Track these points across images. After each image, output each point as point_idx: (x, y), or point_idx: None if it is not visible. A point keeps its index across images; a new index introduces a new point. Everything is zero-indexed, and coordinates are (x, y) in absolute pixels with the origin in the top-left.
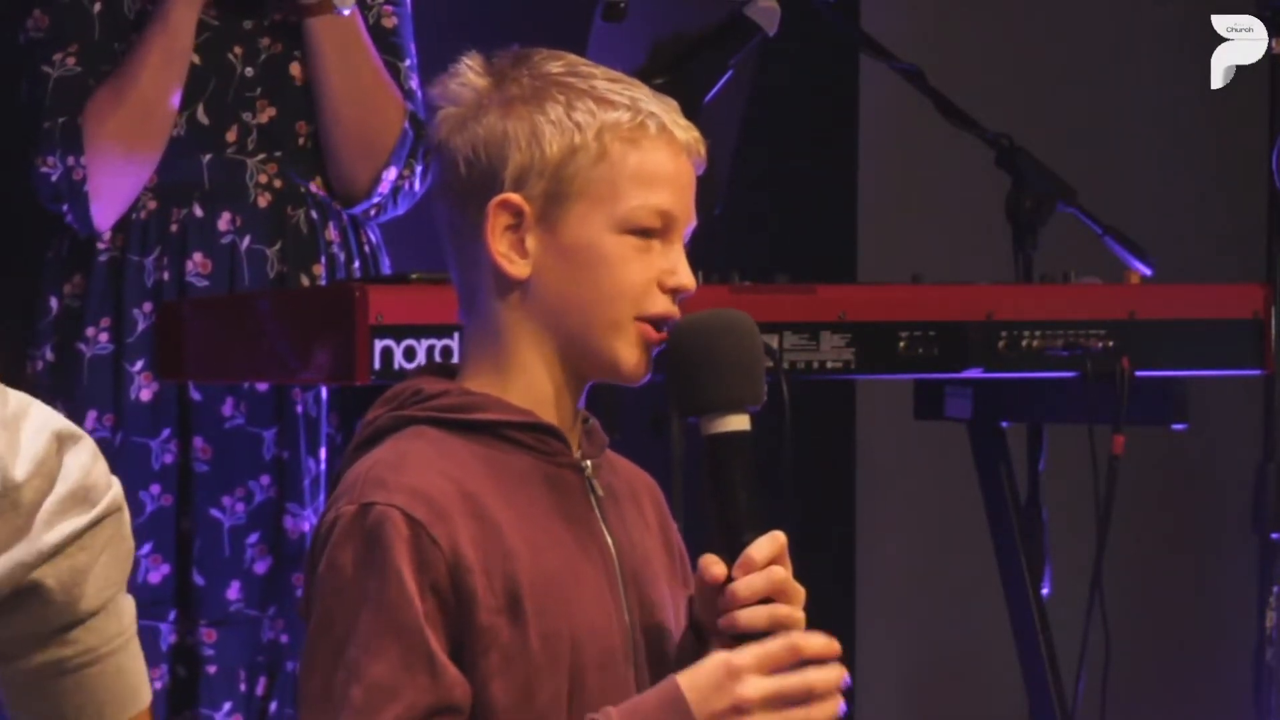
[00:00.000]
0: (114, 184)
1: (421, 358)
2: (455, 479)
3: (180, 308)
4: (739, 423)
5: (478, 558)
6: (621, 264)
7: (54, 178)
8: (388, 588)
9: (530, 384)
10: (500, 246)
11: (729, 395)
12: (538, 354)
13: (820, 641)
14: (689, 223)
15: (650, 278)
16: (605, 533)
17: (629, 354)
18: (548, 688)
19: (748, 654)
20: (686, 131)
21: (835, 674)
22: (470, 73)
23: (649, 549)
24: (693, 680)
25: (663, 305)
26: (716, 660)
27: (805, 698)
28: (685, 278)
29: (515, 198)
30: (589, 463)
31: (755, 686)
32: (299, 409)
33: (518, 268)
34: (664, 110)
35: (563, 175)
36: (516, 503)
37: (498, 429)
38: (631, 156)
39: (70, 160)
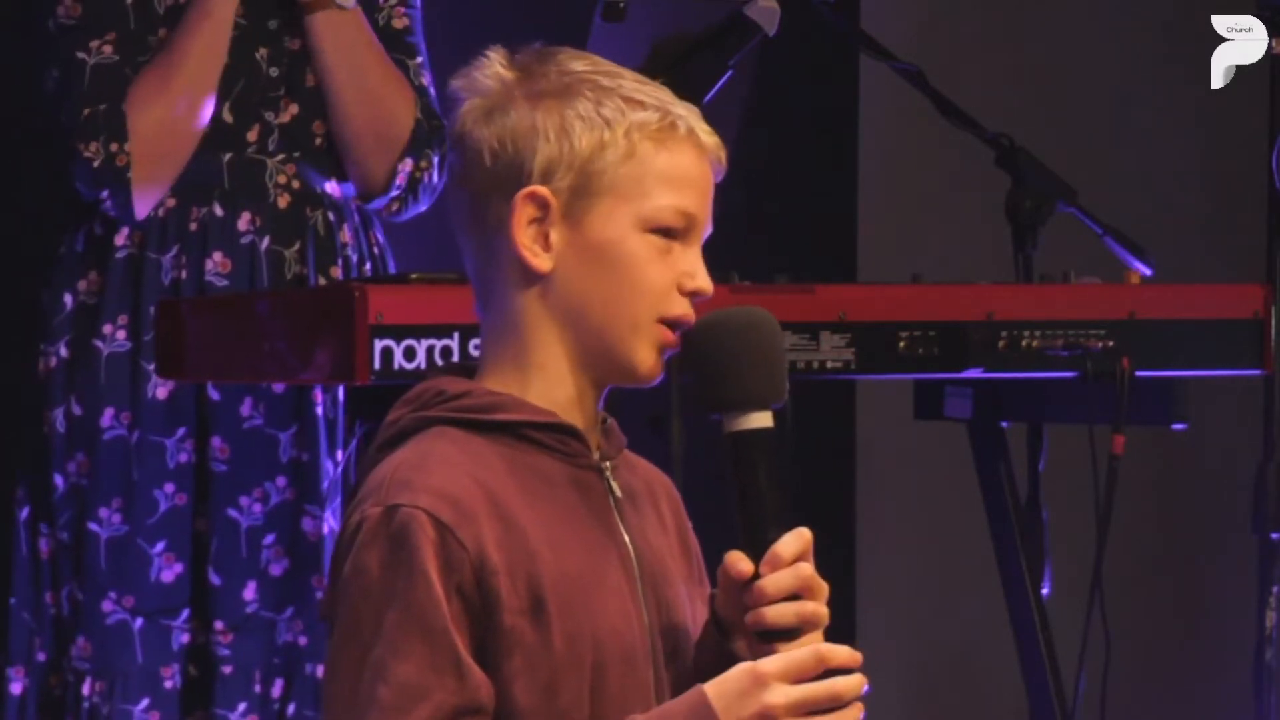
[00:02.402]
0: (156, 172)
1: (421, 357)
2: (479, 480)
3: (180, 306)
4: (762, 420)
5: (502, 560)
6: (644, 263)
7: (96, 164)
8: (415, 589)
9: (550, 384)
10: (524, 239)
11: (753, 392)
12: (557, 353)
13: (845, 652)
14: (707, 227)
15: (670, 279)
16: (624, 533)
17: (646, 355)
18: (570, 688)
19: (774, 662)
20: (711, 136)
21: (858, 683)
22: (496, 65)
23: (666, 549)
24: (719, 688)
25: (681, 308)
26: (743, 668)
27: (830, 705)
28: (704, 281)
29: (543, 190)
30: (608, 464)
31: (782, 694)
32: (319, 410)
33: (541, 261)
34: (690, 114)
35: (591, 170)
36: (539, 504)
37: (520, 429)
38: (660, 156)
39: (114, 146)
